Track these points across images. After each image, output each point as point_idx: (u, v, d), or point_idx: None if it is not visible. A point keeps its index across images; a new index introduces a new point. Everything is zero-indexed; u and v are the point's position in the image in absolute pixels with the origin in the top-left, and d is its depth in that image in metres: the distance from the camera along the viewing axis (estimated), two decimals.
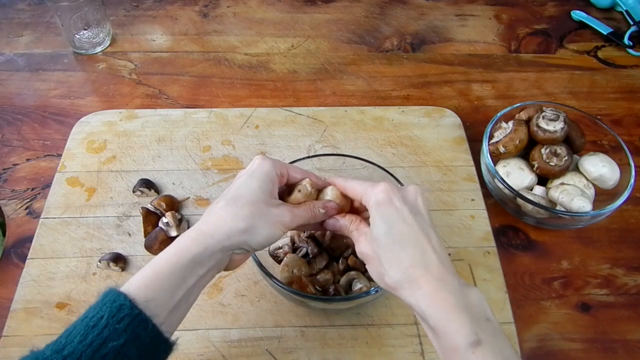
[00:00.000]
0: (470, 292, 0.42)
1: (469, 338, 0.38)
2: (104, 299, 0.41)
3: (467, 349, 0.38)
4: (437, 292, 0.41)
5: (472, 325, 0.39)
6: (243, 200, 0.46)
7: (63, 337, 0.39)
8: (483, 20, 1.00)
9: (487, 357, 0.38)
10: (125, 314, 0.39)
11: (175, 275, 0.43)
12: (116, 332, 0.39)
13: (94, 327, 0.39)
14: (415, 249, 0.43)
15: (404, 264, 0.43)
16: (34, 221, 0.69)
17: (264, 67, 0.91)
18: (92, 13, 0.88)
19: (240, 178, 0.49)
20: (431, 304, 0.41)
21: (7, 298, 0.62)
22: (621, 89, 0.88)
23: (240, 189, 0.48)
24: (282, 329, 0.60)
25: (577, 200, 0.64)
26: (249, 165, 0.50)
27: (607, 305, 0.64)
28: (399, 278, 0.43)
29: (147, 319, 0.40)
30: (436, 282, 0.41)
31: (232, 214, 0.46)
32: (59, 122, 0.82)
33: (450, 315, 0.40)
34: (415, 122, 0.81)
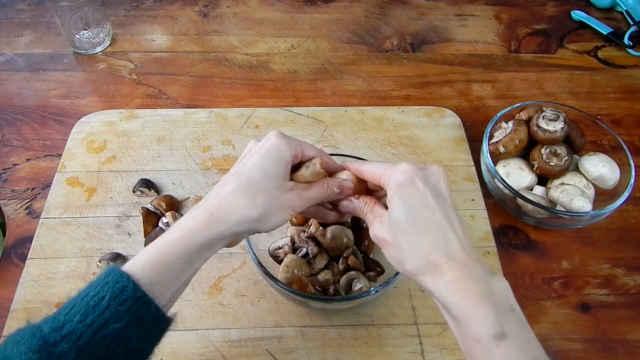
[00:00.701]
0: (494, 281, 0.40)
1: (494, 330, 0.37)
2: (105, 277, 0.40)
3: (491, 341, 0.36)
4: (460, 280, 0.39)
5: (497, 316, 0.37)
6: (257, 187, 0.44)
7: (62, 315, 0.38)
8: (483, 20, 1.00)
9: (512, 351, 0.36)
10: (128, 296, 0.39)
11: (183, 259, 0.42)
12: (118, 313, 0.38)
13: (95, 307, 0.38)
14: (437, 234, 0.41)
15: (426, 249, 0.41)
16: (34, 221, 0.69)
17: (264, 67, 0.91)
18: (92, 13, 0.88)
19: (253, 156, 0.46)
20: (454, 292, 0.39)
21: (7, 298, 0.62)
22: (621, 89, 0.88)
23: (253, 171, 0.45)
24: (282, 329, 0.60)
25: (577, 200, 0.64)
26: (263, 142, 0.47)
27: (607, 305, 0.64)
28: (420, 265, 0.41)
29: (149, 301, 0.40)
30: (459, 270, 0.40)
31: (246, 200, 0.44)
32: (59, 122, 0.82)
33: (474, 304, 0.38)
34: (415, 122, 0.81)
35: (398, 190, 0.43)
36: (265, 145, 0.46)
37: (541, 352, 0.38)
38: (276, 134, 0.47)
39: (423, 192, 0.43)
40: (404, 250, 0.42)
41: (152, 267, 0.41)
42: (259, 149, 0.46)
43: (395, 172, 0.44)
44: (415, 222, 0.42)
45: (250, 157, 0.46)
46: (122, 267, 0.41)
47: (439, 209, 0.42)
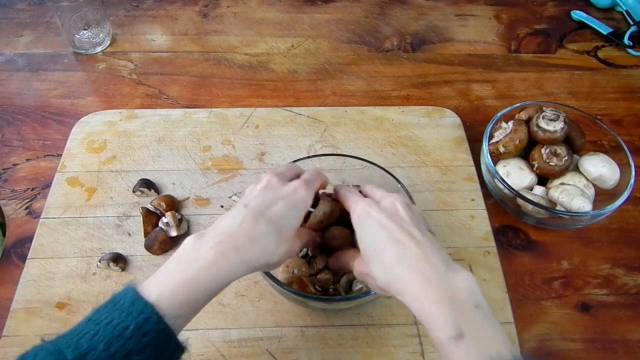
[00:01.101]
0: (456, 279, 0.42)
1: (452, 332, 0.39)
2: (130, 306, 0.40)
3: (450, 342, 0.38)
4: (420, 286, 0.41)
5: (455, 317, 0.39)
6: (283, 237, 0.47)
7: (84, 341, 0.38)
8: (483, 20, 1.00)
9: (470, 349, 0.38)
10: (151, 328, 0.39)
11: (208, 296, 0.44)
12: (141, 344, 0.38)
13: (119, 336, 0.38)
14: (395, 248, 0.44)
15: (387, 265, 0.44)
16: (34, 221, 0.69)
17: (264, 67, 0.91)
18: (92, 13, 0.88)
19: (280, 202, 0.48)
20: (414, 299, 0.41)
21: (7, 298, 0.62)
22: (621, 89, 0.88)
23: (283, 220, 0.47)
24: (282, 329, 0.60)
25: (577, 200, 0.64)
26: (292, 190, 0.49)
27: (607, 305, 0.64)
28: (386, 279, 0.44)
29: (171, 334, 0.40)
30: (419, 276, 0.42)
31: (272, 248, 0.46)
32: (59, 122, 0.82)
33: (433, 309, 0.40)
34: (415, 122, 0.81)
35: (358, 223, 0.48)
36: (294, 196, 0.49)
37: (502, 346, 0.39)
38: (304, 186, 0.50)
39: (378, 217, 0.47)
40: (372, 271, 0.45)
41: (178, 302, 0.41)
42: (287, 197, 0.49)
43: (355, 208, 0.49)
44: (375, 244, 0.46)
45: (277, 202, 0.48)
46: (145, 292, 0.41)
47: (395, 227, 0.45)
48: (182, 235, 0.67)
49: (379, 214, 0.47)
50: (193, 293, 0.42)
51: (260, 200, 0.48)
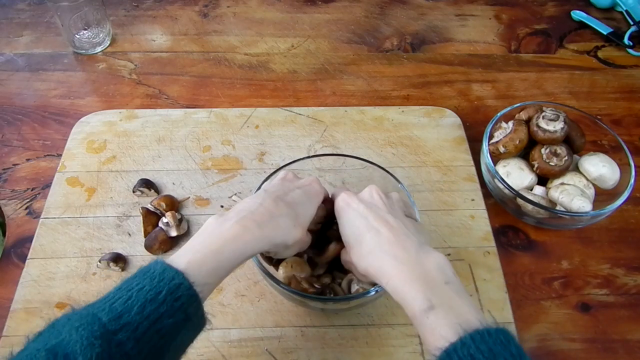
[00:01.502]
0: (428, 259, 0.45)
1: (423, 305, 0.41)
2: (162, 274, 0.41)
3: (422, 314, 0.41)
4: (392, 268, 0.45)
5: (426, 292, 0.42)
6: (299, 221, 0.50)
7: (118, 304, 0.39)
8: (483, 20, 1.00)
9: (440, 319, 0.40)
10: (182, 294, 0.41)
11: (232, 266, 0.45)
12: (173, 309, 0.40)
13: (152, 300, 0.40)
14: (371, 235, 0.48)
15: (364, 251, 0.48)
16: (34, 221, 0.69)
17: (264, 67, 0.91)
18: (92, 13, 0.88)
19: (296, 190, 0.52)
20: (390, 280, 0.45)
21: (7, 298, 0.62)
22: (621, 89, 0.88)
23: (300, 206, 0.51)
24: (282, 329, 0.60)
25: (577, 200, 0.64)
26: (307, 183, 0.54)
27: (607, 305, 0.64)
28: (364, 265, 0.48)
29: (200, 300, 0.42)
30: (391, 259, 0.45)
31: (289, 229, 0.49)
32: (59, 122, 0.82)
33: (406, 287, 0.43)
34: (415, 122, 0.81)
35: (340, 215, 0.52)
36: (308, 187, 0.53)
37: (473, 315, 0.41)
38: (317, 182, 0.55)
39: (357, 208, 0.50)
40: (353, 259, 0.49)
41: (207, 270, 0.43)
42: (303, 187, 0.53)
43: (336, 201, 0.53)
44: (354, 234, 0.49)
45: (294, 190, 0.52)
46: (175, 262, 0.43)
47: (372, 216, 0.49)
48: (182, 235, 0.67)
49: (358, 204, 0.51)
50: (219, 262, 0.44)
51: (279, 186, 0.53)
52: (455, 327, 0.39)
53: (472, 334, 0.38)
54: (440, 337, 0.39)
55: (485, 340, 0.38)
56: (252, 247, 0.46)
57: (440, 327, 0.40)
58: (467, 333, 0.38)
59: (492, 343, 0.37)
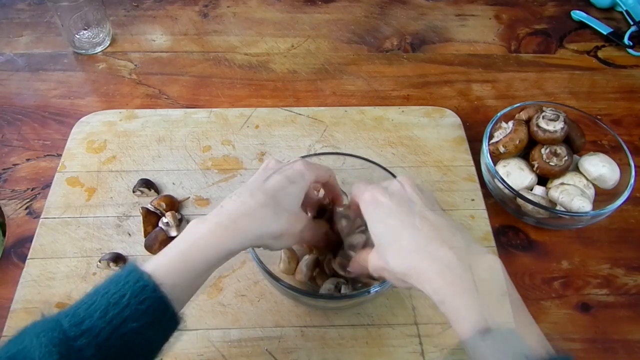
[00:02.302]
0: (479, 265, 0.39)
1: (477, 325, 0.36)
2: (127, 276, 0.40)
3: (476, 337, 0.36)
4: (439, 275, 0.39)
5: (481, 309, 0.36)
6: (281, 207, 0.47)
7: (81, 310, 0.39)
8: (483, 20, 1.00)
9: (498, 345, 0.36)
10: (147, 296, 0.39)
11: (205, 266, 0.44)
12: (137, 312, 0.39)
13: (115, 304, 0.39)
14: (409, 234, 0.42)
15: (403, 252, 0.42)
16: (34, 221, 0.69)
17: (264, 67, 0.91)
18: (92, 13, 0.88)
19: (276, 176, 0.48)
20: (438, 289, 0.39)
21: (7, 298, 0.62)
22: (621, 89, 0.88)
23: (279, 192, 0.47)
24: (282, 329, 0.60)
25: (577, 200, 0.64)
26: (289, 166, 0.49)
27: (607, 305, 0.64)
28: (403, 268, 0.42)
29: (167, 302, 0.40)
30: (437, 264, 0.39)
31: (270, 218, 0.46)
32: (59, 122, 0.82)
33: (457, 300, 0.38)
34: (415, 122, 0.81)
35: (367, 211, 0.46)
36: (290, 170, 0.49)
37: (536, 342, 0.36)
38: (302, 161, 0.50)
39: (388, 205, 0.45)
40: (389, 262, 0.43)
41: (174, 271, 0.42)
42: (283, 171, 0.49)
43: (361, 196, 0.47)
44: (388, 233, 0.44)
45: (273, 177, 0.48)
46: (144, 266, 0.42)
47: (406, 212, 0.44)
48: None
49: (388, 200, 0.45)
50: (188, 261, 0.43)
51: (257, 177, 0.49)
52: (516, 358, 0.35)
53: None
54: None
55: None
56: (227, 244, 0.44)
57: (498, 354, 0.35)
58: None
59: None
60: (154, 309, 0.39)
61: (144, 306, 0.39)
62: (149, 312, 0.39)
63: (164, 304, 0.40)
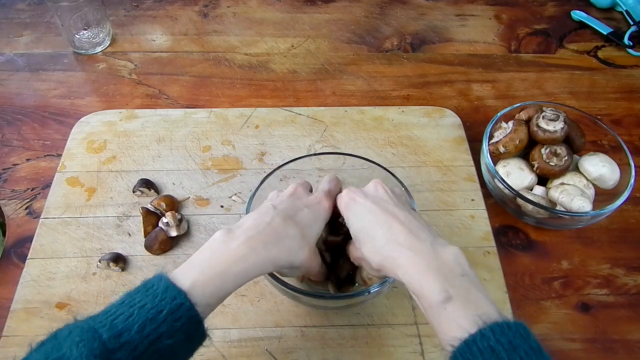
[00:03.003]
0: (444, 253, 0.44)
1: (440, 295, 0.41)
2: (164, 292, 0.41)
3: (440, 305, 0.41)
4: (409, 259, 0.44)
5: (443, 283, 0.42)
6: (306, 242, 0.50)
7: (119, 321, 0.39)
8: (483, 20, 1.00)
9: (458, 310, 0.40)
10: (183, 314, 0.41)
11: (235, 288, 0.45)
12: (173, 329, 0.40)
13: (152, 320, 0.40)
14: (383, 230, 0.47)
15: (378, 245, 0.47)
16: (34, 221, 0.69)
17: (264, 67, 0.91)
18: (92, 13, 0.88)
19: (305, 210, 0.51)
20: (405, 272, 0.44)
21: (7, 298, 0.62)
22: (621, 89, 0.88)
23: (307, 228, 0.50)
24: (282, 329, 0.60)
25: (577, 200, 0.64)
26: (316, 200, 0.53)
27: (607, 305, 0.64)
28: (379, 260, 0.47)
29: (200, 321, 0.42)
30: (408, 252, 0.45)
31: (297, 250, 0.49)
32: (59, 122, 0.82)
33: (423, 277, 0.43)
34: (415, 122, 0.81)
35: (346, 211, 0.51)
36: (317, 206, 0.52)
37: (490, 308, 0.40)
38: (326, 197, 0.54)
39: (364, 203, 0.50)
40: (365, 254, 0.48)
41: (210, 292, 0.43)
42: (310, 205, 0.52)
43: (340, 198, 0.53)
44: (365, 228, 0.49)
45: (302, 210, 0.51)
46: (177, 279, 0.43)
47: (380, 210, 0.49)
48: (182, 235, 0.67)
49: (364, 199, 0.50)
50: (223, 284, 0.44)
51: (288, 204, 0.52)
52: (474, 319, 0.39)
53: (491, 326, 0.38)
54: (458, 328, 0.39)
55: (505, 333, 0.37)
56: (257, 268, 0.46)
57: (458, 318, 0.40)
58: (487, 325, 0.38)
59: (512, 336, 0.37)
60: (188, 327, 0.41)
61: (179, 324, 0.40)
62: (184, 330, 0.41)
63: (197, 323, 0.42)
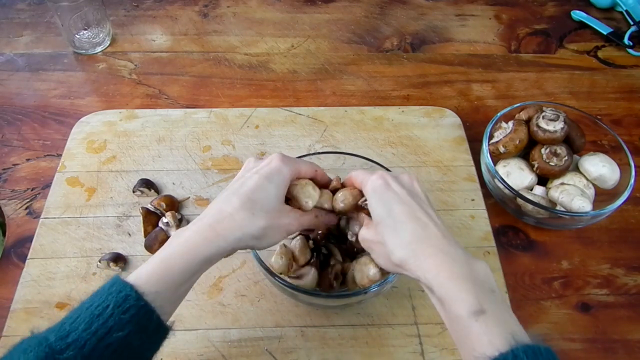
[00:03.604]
0: (476, 264, 0.43)
1: (473, 307, 0.39)
2: (110, 288, 0.41)
3: (471, 317, 0.39)
4: (442, 263, 0.42)
5: (477, 295, 0.40)
6: (259, 207, 0.47)
7: (67, 324, 0.39)
8: (483, 20, 1.00)
9: (490, 325, 0.38)
10: (130, 305, 0.40)
11: (186, 273, 0.44)
12: (121, 322, 0.39)
13: (99, 316, 0.39)
14: (416, 225, 0.45)
15: (407, 239, 0.44)
16: (34, 221, 0.69)
17: (264, 67, 0.91)
18: (92, 13, 0.88)
19: (254, 176, 0.48)
20: (437, 274, 0.42)
21: (7, 298, 0.62)
22: (621, 89, 0.88)
23: (256, 192, 0.47)
24: (282, 329, 0.60)
25: (577, 200, 0.64)
26: (266, 163, 0.49)
27: (607, 305, 0.64)
28: (404, 254, 0.44)
29: (152, 310, 0.41)
30: (441, 254, 0.42)
31: (248, 220, 0.46)
32: (59, 122, 0.82)
33: (456, 284, 0.41)
34: (415, 122, 0.81)
35: (375, 194, 0.48)
36: (266, 167, 0.49)
37: (518, 328, 0.39)
38: (278, 157, 0.50)
39: (399, 192, 0.47)
40: (388, 244, 0.45)
41: (155, 279, 0.43)
42: (260, 170, 0.49)
43: (370, 179, 0.49)
44: (394, 217, 0.46)
45: (251, 177, 0.48)
46: (127, 278, 0.42)
47: (415, 205, 0.46)
48: None
49: (400, 188, 0.47)
50: (169, 268, 0.43)
51: (236, 179, 0.50)
52: (507, 337, 0.38)
53: (524, 348, 0.37)
54: (489, 344, 0.38)
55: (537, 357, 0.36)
56: (205, 250, 0.45)
57: (489, 334, 0.38)
58: (520, 345, 0.37)
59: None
60: (138, 318, 0.40)
61: (127, 315, 0.40)
62: (133, 321, 0.40)
63: (148, 312, 0.41)
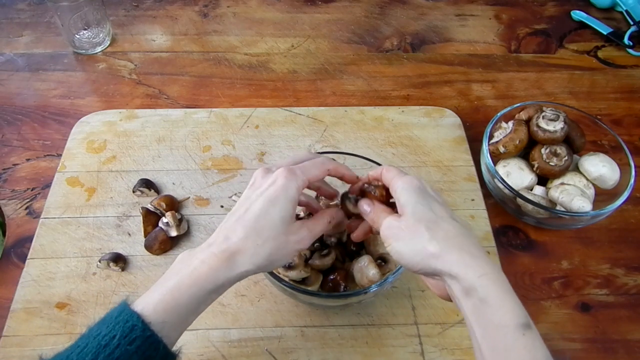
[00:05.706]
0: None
1: (521, 319, 0.39)
2: (117, 317, 0.41)
3: (517, 329, 0.39)
4: (487, 265, 0.42)
5: (523, 309, 0.40)
6: (265, 235, 0.45)
7: (74, 354, 0.39)
8: (483, 20, 1.00)
9: (536, 341, 0.39)
10: (137, 336, 0.40)
11: (193, 303, 0.43)
12: (127, 353, 0.39)
13: (106, 346, 0.39)
14: (458, 224, 0.45)
15: (452, 232, 0.44)
16: (34, 221, 0.69)
17: (264, 67, 0.91)
18: (92, 13, 0.88)
19: (258, 200, 0.46)
20: (483, 275, 0.41)
21: (7, 298, 0.62)
22: (621, 89, 0.88)
23: (261, 220, 0.45)
24: (282, 329, 0.60)
25: (577, 200, 0.64)
26: (271, 182, 0.46)
27: (607, 305, 0.64)
28: (445, 246, 0.43)
29: (158, 341, 0.41)
30: (486, 258, 0.43)
31: (253, 250, 0.45)
32: (59, 122, 0.82)
33: (503, 292, 0.41)
34: (415, 122, 0.81)
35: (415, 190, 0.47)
36: (271, 188, 0.46)
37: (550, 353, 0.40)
38: (284, 173, 0.46)
39: (433, 196, 0.48)
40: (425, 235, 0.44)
41: (162, 307, 0.42)
42: (265, 192, 0.46)
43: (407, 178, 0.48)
44: (436, 213, 0.45)
45: (255, 201, 0.46)
46: (134, 305, 0.42)
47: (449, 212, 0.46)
48: (182, 235, 0.67)
49: (435, 194, 0.48)
50: (175, 299, 0.43)
51: (241, 202, 0.47)
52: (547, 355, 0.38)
53: None
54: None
55: None
56: (214, 279, 0.44)
57: (535, 350, 0.38)
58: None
59: None
60: (144, 349, 0.40)
61: (133, 347, 0.39)
62: (140, 352, 0.40)
63: (154, 343, 0.40)
